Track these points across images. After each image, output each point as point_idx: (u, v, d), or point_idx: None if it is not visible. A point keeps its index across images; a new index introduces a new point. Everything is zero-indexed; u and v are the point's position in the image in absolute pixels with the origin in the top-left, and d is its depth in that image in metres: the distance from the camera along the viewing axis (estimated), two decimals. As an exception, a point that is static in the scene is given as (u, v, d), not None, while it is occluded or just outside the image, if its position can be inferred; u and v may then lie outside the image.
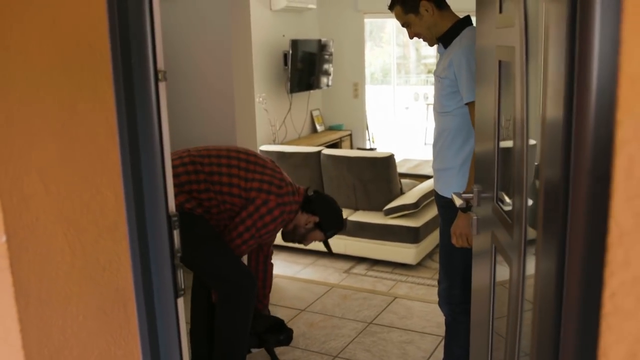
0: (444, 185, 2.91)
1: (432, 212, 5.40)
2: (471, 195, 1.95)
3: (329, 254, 3.89)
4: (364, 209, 5.50)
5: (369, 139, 8.84)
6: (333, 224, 3.41)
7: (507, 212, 1.63)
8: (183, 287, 1.54)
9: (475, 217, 1.95)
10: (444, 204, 2.90)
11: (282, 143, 7.25)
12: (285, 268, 5.31)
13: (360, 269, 5.36)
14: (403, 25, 2.84)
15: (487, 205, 1.88)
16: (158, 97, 1.40)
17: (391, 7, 2.84)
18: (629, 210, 0.84)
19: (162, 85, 1.42)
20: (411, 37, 2.88)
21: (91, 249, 1.36)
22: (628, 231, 0.85)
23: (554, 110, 1.09)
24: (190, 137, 4.54)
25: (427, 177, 6.49)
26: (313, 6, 7.67)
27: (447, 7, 2.81)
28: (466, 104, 2.65)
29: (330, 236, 3.43)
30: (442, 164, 2.90)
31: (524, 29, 1.36)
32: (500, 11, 1.61)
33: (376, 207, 5.40)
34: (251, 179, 2.98)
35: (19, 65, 1.19)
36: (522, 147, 1.38)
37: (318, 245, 5.54)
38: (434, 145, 2.94)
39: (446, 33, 2.76)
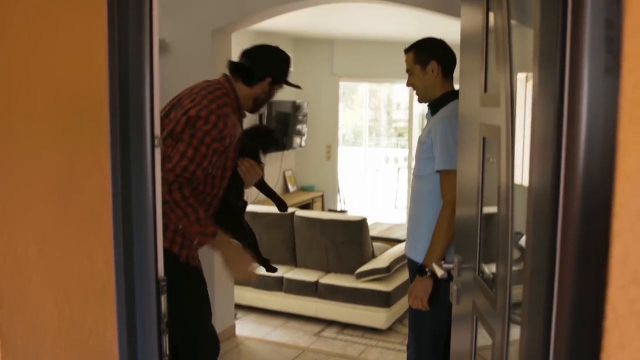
0: (411, 247, 2.96)
1: (404, 276, 5.41)
2: (452, 265, 1.99)
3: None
4: (335, 272, 5.49)
5: (340, 201, 8.90)
6: (280, 67, 2.93)
7: (488, 283, 1.66)
8: (167, 352, 1.53)
9: (455, 288, 1.98)
10: (413, 267, 2.94)
11: (254, 202, 7.25)
12: (254, 330, 5.25)
13: (330, 332, 5.31)
14: (407, 71, 2.92)
15: (468, 274, 1.91)
16: (154, 163, 1.42)
17: (407, 50, 2.92)
18: (624, 296, 0.88)
19: (157, 151, 1.44)
20: (408, 85, 2.96)
21: (79, 313, 1.35)
22: (623, 316, 0.88)
23: (541, 201, 1.13)
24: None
25: (399, 241, 6.54)
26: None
27: (451, 77, 2.90)
28: (437, 171, 2.73)
29: (286, 77, 2.95)
30: (413, 226, 2.96)
31: (510, 112, 1.42)
32: (485, 90, 1.68)
33: (348, 270, 5.40)
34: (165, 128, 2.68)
35: (22, 128, 1.21)
36: (506, 231, 1.43)
37: (288, 307, 5.52)
38: (409, 208, 3.01)
39: (436, 101, 2.86)
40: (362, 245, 5.42)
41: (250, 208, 5.80)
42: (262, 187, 3.23)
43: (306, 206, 7.88)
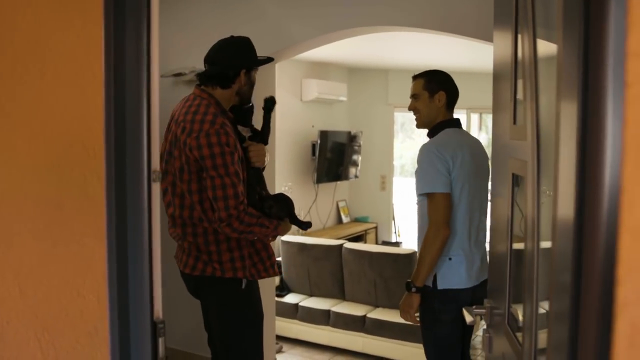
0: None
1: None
2: (483, 310, 1.84)
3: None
4: (384, 307, 5.33)
5: (395, 232, 8.73)
6: (246, 55, 2.88)
7: (515, 334, 1.52)
8: (165, 399, 1.44)
9: (487, 336, 1.83)
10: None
11: (305, 234, 7.18)
12: (299, 364, 5.13)
13: (379, 368, 5.15)
14: (412, 96, 3.09)
15: (499, 321, 1.77)
16: (150, 198, 1.35)
17: (416, 77, 3.10)
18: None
19: (155, 186, 1.38)
20: (410, 109, 3.13)
21: (66, 355, 1.29)
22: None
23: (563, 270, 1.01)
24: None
25: (452, 276, 6.32)
26: (344, 98, 7.76)
27: (452, 110, 3.12)
28: (419, 195, 2.95)
29: (255, 60, 2.91)
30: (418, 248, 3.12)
31: (537, 146, 1.30)
32: (514, 122, 1.55)
33: (397, 305, 5.19)
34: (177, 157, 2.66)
35: (3, 163, 1.16)
36: (532, 279, 1.29)
37: (334, 341, 5.38)
38: None
39: (432, 129, 3.06)
40: (412, 280, 5.25)
41: (298, 239, 5.75)
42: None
43: (359, 237, 7.75)
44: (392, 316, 5.15)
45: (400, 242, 8.45)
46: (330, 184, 7.73)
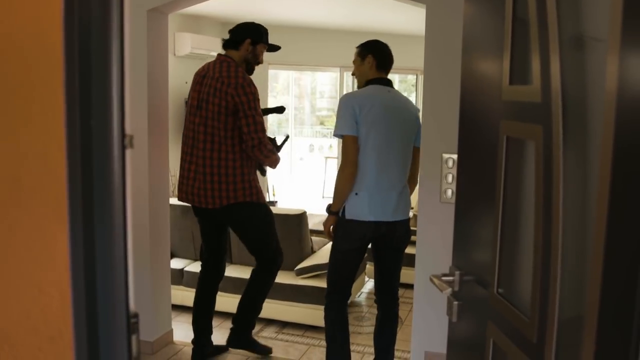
0: None
1: (345, 272, 5.19)
2: (452, 278, 1.76)
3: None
4: (274, 269, 5.20)
5: (269, 192, 8.60)
6: (256, 31, 4.00)
7: (514, 303, 1.43)
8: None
9: (456, 303, 1.75)
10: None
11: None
12: (188, 331, 4.89)
13: (269, 331, 5.05)
14: (353, 62, 3.74)
15: (478, 289, 1.69)
16: (124, 168, 1.10)
17: (357, 46, 3.72)
18: None
19: (128, 153, 1.13)
20: (352, 74, 3.79)
21: (28, 367, 1.03)
22: None
23: None
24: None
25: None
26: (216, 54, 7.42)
27: (384, 70, 3.69)
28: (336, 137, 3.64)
29: (262, 39, 4.02)
30: None
31: (562, 106, 1.19)
32: (511, 82, 1.43)
33: (287, 267, 5.13)
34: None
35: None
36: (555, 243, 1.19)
37: (223, 306, 5.18)
38: None
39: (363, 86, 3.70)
40: (302, 241, 5.17)
41: (176, 202, 5.44)
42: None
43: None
44: (282, 278, 5.04)
45: (276, 202, 8.34)
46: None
